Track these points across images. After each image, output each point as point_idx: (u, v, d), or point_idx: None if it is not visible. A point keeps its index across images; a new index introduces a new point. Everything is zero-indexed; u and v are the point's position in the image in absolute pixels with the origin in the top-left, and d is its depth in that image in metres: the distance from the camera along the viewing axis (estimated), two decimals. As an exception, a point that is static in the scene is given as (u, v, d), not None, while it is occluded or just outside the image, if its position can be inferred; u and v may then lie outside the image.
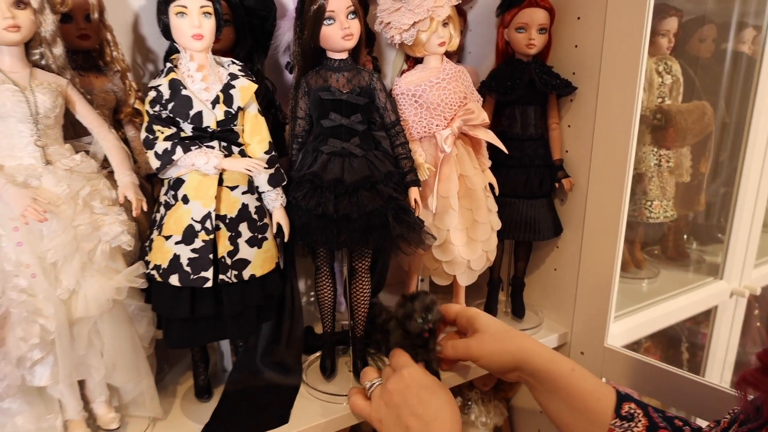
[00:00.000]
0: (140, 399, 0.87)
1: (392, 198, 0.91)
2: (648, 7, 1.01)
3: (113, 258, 0.80)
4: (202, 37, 0.79)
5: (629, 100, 1.06)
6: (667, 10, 1.37)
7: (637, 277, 1.58)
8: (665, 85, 1.42)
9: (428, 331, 1.01)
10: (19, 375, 0.73)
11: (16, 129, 0.75)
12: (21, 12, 0.74)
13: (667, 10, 1.37)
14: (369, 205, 0.89)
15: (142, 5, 1.07)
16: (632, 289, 1.56)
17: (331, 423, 0.93)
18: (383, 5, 1.02)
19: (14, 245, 0.73)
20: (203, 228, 0.80)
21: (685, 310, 1.55)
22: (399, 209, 0.91)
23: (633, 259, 1.59)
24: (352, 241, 0.91)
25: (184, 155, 0.79)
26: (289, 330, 0.99)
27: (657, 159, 1.45)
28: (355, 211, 0.88)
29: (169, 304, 0.82)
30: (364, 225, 0.90)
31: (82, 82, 0.90)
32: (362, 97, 0.92)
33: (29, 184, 0.75)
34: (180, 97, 0.79)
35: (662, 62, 1.43)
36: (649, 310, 1.45)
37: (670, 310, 1.50)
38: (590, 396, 0.79)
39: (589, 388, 0.79)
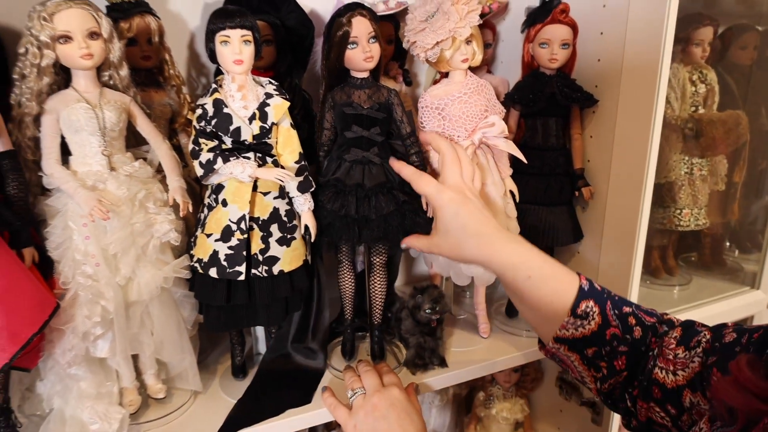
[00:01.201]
0: (184, 374, 1.01)
1: (405, 202, 1.01)
2: (666, 23, 1.05)
3: (163, 251, 0.94)
4: (242, 62, 0.90)
5: (647, 112, 1.10)
6: (702, 20, 1.38)
7: (668, 284, 1.59)
8: (699, 94, 1.43)
9: (436, 321, 1.11)
10: (84, 347, 0.87)
11: (88, 141, 0.90)
12: (94, 42, 0.88)
13: (701, 20, 1.38)
14: (386, 208, 1.01)
15: (197, 26, 1.21)
16: (662, 295, 1.57)
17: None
18: (410, 25, 1.11)
19: (83, 238, 0.87)
20: (238, 228, 0.92)
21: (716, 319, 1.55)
22: (412, 212, 1.01)
23: (664, 265, 1.60)
24: (371, 238, 1.02)
25: (224, 165, 0.91)
26: (315, 319, 1.11)
27: (688, 167, 1.46)
28: (374, 213, 1.00)
29: (208, 292, 0.95)
30: (382, 225, 1.01)
31: (143, 96, 1.04)
32: (381, 112, 1.02)
33: (96, 187, 0.89)
34: (222, 114, 0.91)
35: (697, 71, 1.44)
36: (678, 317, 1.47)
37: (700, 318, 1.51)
38: (546, 300, 0.79)
39: (546, 293, 0.79)
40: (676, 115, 1.42)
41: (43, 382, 0.90)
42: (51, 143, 0.88)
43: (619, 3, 1.12)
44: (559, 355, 0.81)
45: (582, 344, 0.78)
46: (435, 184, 0.85)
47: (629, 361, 0.77)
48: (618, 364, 0.77)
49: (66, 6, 0.85)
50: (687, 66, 1.43)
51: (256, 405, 1.00)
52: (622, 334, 0.77)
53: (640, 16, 1.09)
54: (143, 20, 1.02)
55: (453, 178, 0.86)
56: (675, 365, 0.71)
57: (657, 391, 0.72)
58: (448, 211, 0.82)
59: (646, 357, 0.76)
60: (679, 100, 1.42)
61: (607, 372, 0.78)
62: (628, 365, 0.77)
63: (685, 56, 1.42)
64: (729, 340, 0.67)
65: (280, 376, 1.08)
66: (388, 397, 0.87)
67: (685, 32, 1.39)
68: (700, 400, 0.68)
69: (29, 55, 0.85)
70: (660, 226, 1.52)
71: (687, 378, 0.69)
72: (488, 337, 1.29)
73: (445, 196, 0.83)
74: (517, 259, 0.80)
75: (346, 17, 0.99)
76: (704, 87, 1.43)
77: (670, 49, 1.07)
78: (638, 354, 0.76)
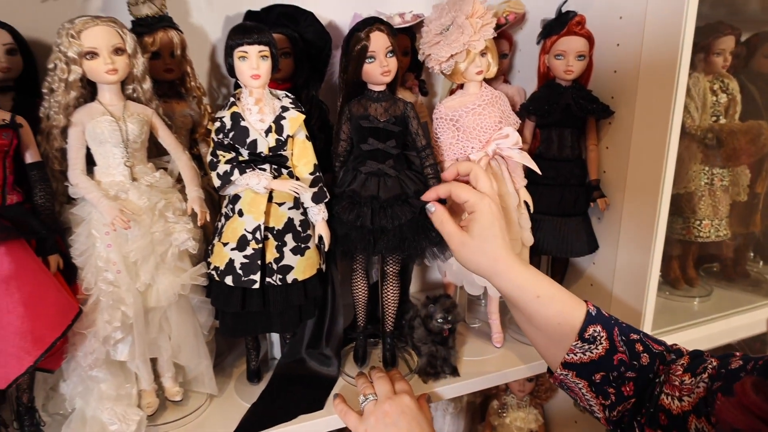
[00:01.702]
0: (200, 377, 1.05)
1: (421, 211, 1.02)
2: (683, 34, 1.04)
3: (181, 259, 0.98)
4: (259, 77, 0.93)
5: (663, 123, 1.10)
6: (723, 29, 1.36)
7: (687, 295, 1.57)
8: (720, 104, 1.42)
9: (447, 330, 1.13)
10: (105, 350, 0.91)
11: (111, 152, 0.93)
12: (119, 57, 0.91)
13: (722, 29, 1.36)
14: (402, 217, 1.02)
15: (218, 38, 1.24)
16: (682, 307, 1.55)
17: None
18: (425, 38, 1.13)
19: (105, 246, 0.91)
20: (254, 238, 0.95)
21: (737, 331, 1.53)
22: (426, 223, 1.02)
23: (684, 276, 1.58)
24: (386, 249, 1.04)
25: (240, 176, 0.94)
26: (329, 326, 1.13)
27: (709, 178, 1.44)
28: (390, 223, 1.02)
29: (224, 299, 0.98)
30: (398, 235, 1.03)
31: (165, 107, 1.07)
32: (397, 125, 1.04)
33: (119, 197, 0.92)
34: (239, 127, 0.94)
35: (718, 80, 1.42)
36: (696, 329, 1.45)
37: (720, 330, 1.49)
38: (553, 321, 0.79)
39: (554, 313, 0.80)
40: (696, 125, 1.41)
41: (66, 383, 0.94)
42: (77, 154, 0.92)
43: (635, 15, 1.12)
44: (567, 383, 0.82)
45: (590, 369, 0.78)
46: (474, 191, 0.86)
47: (637, 387, 0.77)
48: (626, 390, 0.77)
49: (93, 24, 0.89)
50: (708, 75, 1.41)
51: (270, 409, 1.03)
52: (630, 360, 0.77)
53: (657, 28, 1.09)
54: (166, 34, 1.06)
55: (489, 189, 0.87)
56: (681, 391, 0.71)
57: (663, 417, 0.72)
58: (484, 218, 0.83)
59: (653, 384, 0.76)
60: (699, 110, 1.41)
61: (615, 399, 0.78)
62: (636, 392, 0.77)
63: (705, 65, 1.40)
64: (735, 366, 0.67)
65: (293, 381, 1.10)
66: (399, 405, 0.89)
67: (705, 41, 1.38)
68: (704, 425, 0.68)
69: (57, 70, 0.89)
70: (679, 237, 1.50)
71: (692, 404, 0.70)
72: (501, 347, 1.29)
73: (486, 202, 0.84)
74: (527, 280, 0.81)
75: (364, 32, 1.01)
76: (725, 96, 1.41)
77: (687, 60, 1.07)
78: (646, 381, 0.77)
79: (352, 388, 1.10)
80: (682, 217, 1.48)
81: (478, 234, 0.83)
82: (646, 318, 1.22)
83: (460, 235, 0.85)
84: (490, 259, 0.82)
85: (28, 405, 0.93)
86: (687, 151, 1.44)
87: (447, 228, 0.86)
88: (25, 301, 0.80)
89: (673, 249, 1.58)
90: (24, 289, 0.80)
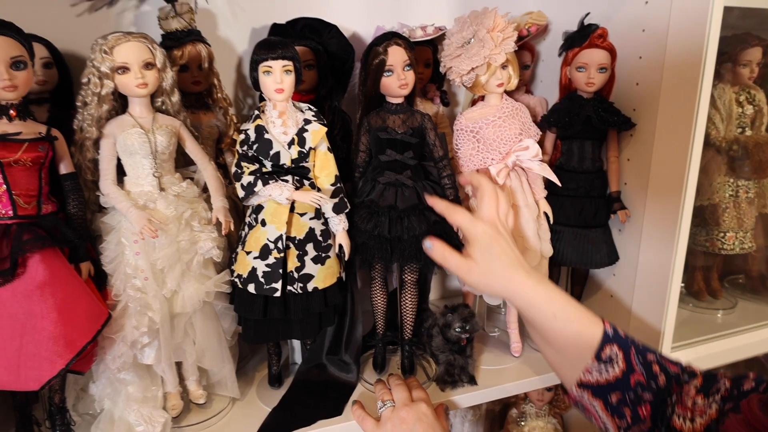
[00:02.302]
0: (223, 381, 1.08)
1: (437, 222, 1.05)
2: (706, 47, 1.04)
3: (206, 266, 1.01)
4: (283, 90, 0.96)
5: (685, 135, 1.09)
6: (749, 40, 1.35)
7: (711, 307, 1.55)
8: (746, 116, 1.40)
9: (465, 340, 1.14)
10: (132, 354, 0.94)
11: (141, 163, 0.97)
12: (149, 72, 0.95)
13: (749, 40, 1.35)
14: (417, 228, 1.05)
15: (245, 50, 1.28)
16: (705, 319, 1.53)
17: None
18: (447, 51, 1.14)
19: (134, 254, 0.94)
20: (275, 247, 0.98)
21: (762, 345, 1.51)
22: (443, 233, 1.05)
23: (708, 288, 1.57)
24: (403, 258, 1.06)
25: (263, 187, 0.97)
26: (349, 333, 1.15)
27: (734, 190, 1.43)
28: (406, 233, 1.05)
29: (246, 307, 1.01)
30: (414, 244, 1.05)
31: (192, 118, 1.11)
32: (414, 137, 1.06)
33: (147, 207, 0.96)
34: (263, 140, 0.97)
35: (744, 92, 1.41)
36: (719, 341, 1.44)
37: (744, 343, 1.47)
38: (570, 340, 0.79)
39: (570, 333, 0.80)
40: (721, 136, 1.39)
41: (96, 385, 0.98)
42: (108, 165, 0.96)
43: (658, 28, 1.12)
44: (583, 403, 0.81)
45: (606, 390, 0.78)
46: (468, 216, 0.87)
47: (653, 409, 0.76)
48: (642, 412, 0.77)
49: (125, 40, 0.92)
50: (734, 86, 1.40)
51: (290, 414, 1.06)
52: (647, 381, 0.76)
53: (679, 41, 1.08)
54: (195, 48, 1.09)
55: (489, 212, 0.87)
56: (693, 412, 0.71)
57: None
58: (481, 243, 0.83)
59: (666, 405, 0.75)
60: (724, 121, 1.39)
61: (631, 420, 0.77)
62: (652, 414, 0.76)
63: (732, 76, 1.39)
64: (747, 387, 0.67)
65: (313, 387, 1.13)
66: (416, 412, 0.90)
67: (732, 52, 1.37)
68: None
69: (91, 84, 0.93)
70: (702, 249, 1.49)
71: (704, 425, 0.69)
72: (520, 357, 1.30)
73: (479, 228, 0.84)
74: (543, 298, 0.81)
75: (382, 46, 1.03)
76: (752, 108, 1.40)
77: (711, 72, 1.06)
78: (662, 403, 0.76)
79: (371, 394, 1.12)
80: (705, 229, 1.47)
81: (480, 258, 0.83)
82: (666, 330, 1.22)
83: (466, 263, 0.84)
84: (501, 280, 0.82)
85: (59, 405, 0.97)
86: (711, 162, 1.42)
87: (451, 261, 0.86)
88: (58, 307, 0.84)
89: (697, 260, 1.57)
90: (57, 296, 0.84)
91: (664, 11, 1.10)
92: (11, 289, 0.82)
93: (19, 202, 0.86)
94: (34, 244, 0.84)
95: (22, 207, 0.86)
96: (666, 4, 1.09)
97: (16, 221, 0.85)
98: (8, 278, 0.82)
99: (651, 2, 1.13)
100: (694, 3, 1.04)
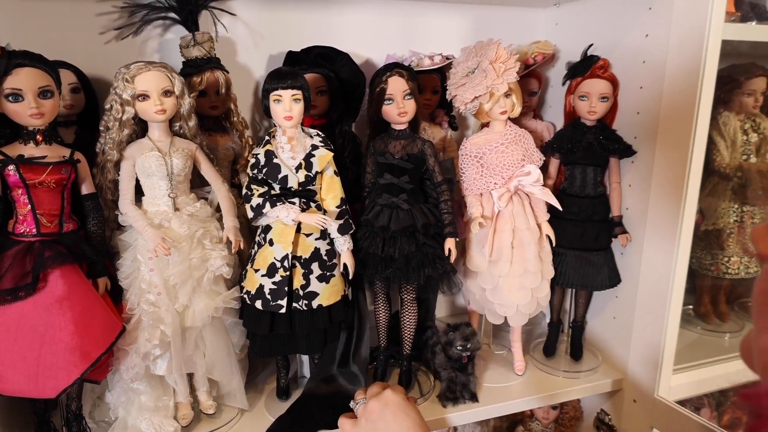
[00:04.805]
0: (232, 393, 1.13)
1: (426, 245, 1.10)
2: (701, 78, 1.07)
3: (216, 283, 1.06)
4: (292, 118, 1.01)
5: (682, 163, 1.12)
6: (754, 71, 1.38)
7: (719, 330, 1.56)
8: (751, 143, 1.42)
9: (467, 357, 1.17)
10: (145, 365, 1.00)
11: (158, 184, 1.03)
12: (167, 99, 1.01)
13: (753, 71, 1.38)
14: (407, 248, 1.10)
15: (262, 75, 1.34)
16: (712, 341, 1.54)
17: None
18: (452, 79, 1.19)
19: (148, 270, 1.00)
20: (282, 266, 1.03)
21: (767, 370, 1.51)
22: (434, 256, 1.10)
23: (716, 311, 1.58)
24: (394, 276, 1.11)
25: (271, 209, 1.02)
26: (356, 346, 1.20)
27: (738, 215, 1.44)
28: (396, 252, 1.10)
29: (254, 322, 1.06)
30: (404, 265, 1.10)
31: (209, 140, 1.17)
32: (410, 162, 1.11)
33: (162, 225, 1.02)
34: (272, 164, 1.02)
35: (749, 120, 1.43)
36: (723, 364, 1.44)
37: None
38: None
39: None
40: (726, 163, 1.41)
41: (111, 393, 1.03)
42: (127, 185, 1.02)
43: (657, 60, 1.15)
44: None
45: None
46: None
47: None
48: None
49: (146, 69, 0.99)
50: (739, 115, 1.42)
51: (292, 423, 1.10)
52: None
53: (677, 72, 1.12)
54: (213, 75, 1.16)
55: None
56: None
57: None
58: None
59: None
60: (729, 149, 1.41)
61: None
62: None
63: (737, 105, 1.41)
64: None
65: (319, 399, 1.17)
66: (382, 399, 0.90)
67: (736, 81, 1.39)
68: None
69: (113, 110, 1.00)
70: (707, 273, 1.50)
71: None
72: (523, 375, 1.33)
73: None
74: None
75: (384, 76, 1.09)
76: (756, 136, 1.42)
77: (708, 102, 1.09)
78: None
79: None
80: (711, 254, 1.48)
81: None
82: (666, 352, 1.23)
83: None
84: None
85: (76, 412, 1.02)
86: (716, 188, 1.44)
87: None
88: (75, 320, 0.90)
89: (704, 284, 1.58)
90: (75, 309, 0.90)
91: (662, 44, 1.13)
92: (32, 302, 0.89)
93: (42, 221, 0.92)
94: (55, 261, 0.90)
95: (45, 225, 0.92)
96: (664, 37, 1.12)
97: (38, 239, 0.92)
98: (30, 292, 0.89)
99: (651, 35, 1.17)
100: (691, 36, 1.07)
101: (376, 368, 1.25)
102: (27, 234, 0.91)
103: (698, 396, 1.58)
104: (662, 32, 1.14)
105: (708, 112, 1.10)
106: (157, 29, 1.23)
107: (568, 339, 1.43)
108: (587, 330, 1.44)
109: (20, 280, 0.88)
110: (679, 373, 1.33)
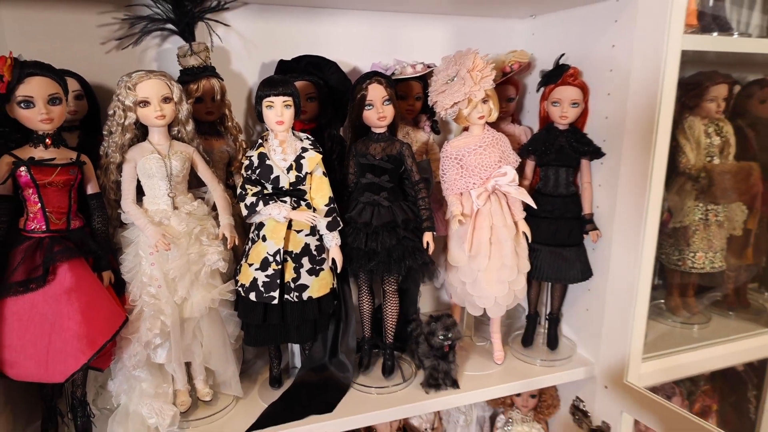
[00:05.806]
0: (228, 381, 1.20)
1: (406, 238, 1.19)
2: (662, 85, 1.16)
3: (213, 277, 1.13)
4: (283, 123, 1.09)
5: (644, 164, 1.21)
6: (715, 78, 1.47)
7: (688, 322, 1.65)
8: (714, 146, 1.51)
9: (448, 346, 1.25)
10: (146, 354, 1.07)
11: (158, 185, 1.10)
12: (166, 105, 1.08)
13: (714, 78, 1.47)
14: (388, 243, 1.18)
15: (256, 82, 1.41)
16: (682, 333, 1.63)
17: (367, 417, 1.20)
18: (433, 86, 1.27)
19: (149, 265, 1.07)
20: (274, 260, 1.10)
21: (732, 357, 1.60)
22: (414, 249, 1.18)
23: (685, 304, 1.67)
24: (377, 268, 1.19)
25: (264, 207, 1.10)
26: (343, 336, 1.28)
27: (703, 213, 1.53)
28: (379, 246, 1.18)
29: (247, 313, 1.13)
30: (386, 257, 1.18)
31: (205, 144, 1.24)
32: (390, 163, 1.20)
33: (162, 223, 1.09)
34: (264, 166, 1.10)
35: (713, 124, 1.52)
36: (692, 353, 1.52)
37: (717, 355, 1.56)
38: None
39: None
40: (691, 164, 1.51)
41: (113, 381, 1.10)
42: (129, 186, 1.09)
43: (622, 68, 1.24)
44: None
45: None
46: None
47: None
48: None
49: (147, 77, 1.06)
50: (703, 119, 1.51)
51: (284, 409, 1.17)
52: None
53: (640, 79, 1.21)
54: (209, 82, 1.23)
55: None
56: None
57: None
58: None
59: None
60: (694, 151, 1.51)
61: None
62: None
63: (700, 110, 1.50)
64: None
65: (310, 387, 1.24)
66: None
67: (700, 89, 1.48)
68: None
69: (116, 116, 1.07)
70: (676, 267, 1.59)
71: None
72: (502, 364, 1.41)
73: None
74: None
75: (364, 84, 1.17)
76: (719, 139, 1.51)
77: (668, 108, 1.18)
78: None
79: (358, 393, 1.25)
80: (678, 249, 1.58)
81: None
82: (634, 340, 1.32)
83: None
84: None
85: (81, 399, 1.09)
86: (683, 188, 1.54)
87: None
88: (82, 310, 0.97)
89: (673, 278, 1.67)
90: (82, 300, 0.97)
91: (627, 54, 1.22)
92: (42, 293, 0.96)
93: (51, 219, 0.99)
94: (63, 255, 0.97)
95: (53, 222, 0.99)
96: (628, 48, 1.22)
97: (48, 235, 0.98)
98: (40, 284, 0.95)
99: (617, 46, 1.26)
100: (652, 47, 1.16)
101: (361, 357, 1.33)
102: (37, 230, 0.98)
103: (670, 385, 1.68)
104: (627, 43, 1.23)
105: (670, 116, 1.20)
106: (156, 39, 1.30)
107: (545, 330, 1.51)
108: (563, 321, 1.53)
109: (31, 273, 0.95)
110: (649, 361, 1.42)
